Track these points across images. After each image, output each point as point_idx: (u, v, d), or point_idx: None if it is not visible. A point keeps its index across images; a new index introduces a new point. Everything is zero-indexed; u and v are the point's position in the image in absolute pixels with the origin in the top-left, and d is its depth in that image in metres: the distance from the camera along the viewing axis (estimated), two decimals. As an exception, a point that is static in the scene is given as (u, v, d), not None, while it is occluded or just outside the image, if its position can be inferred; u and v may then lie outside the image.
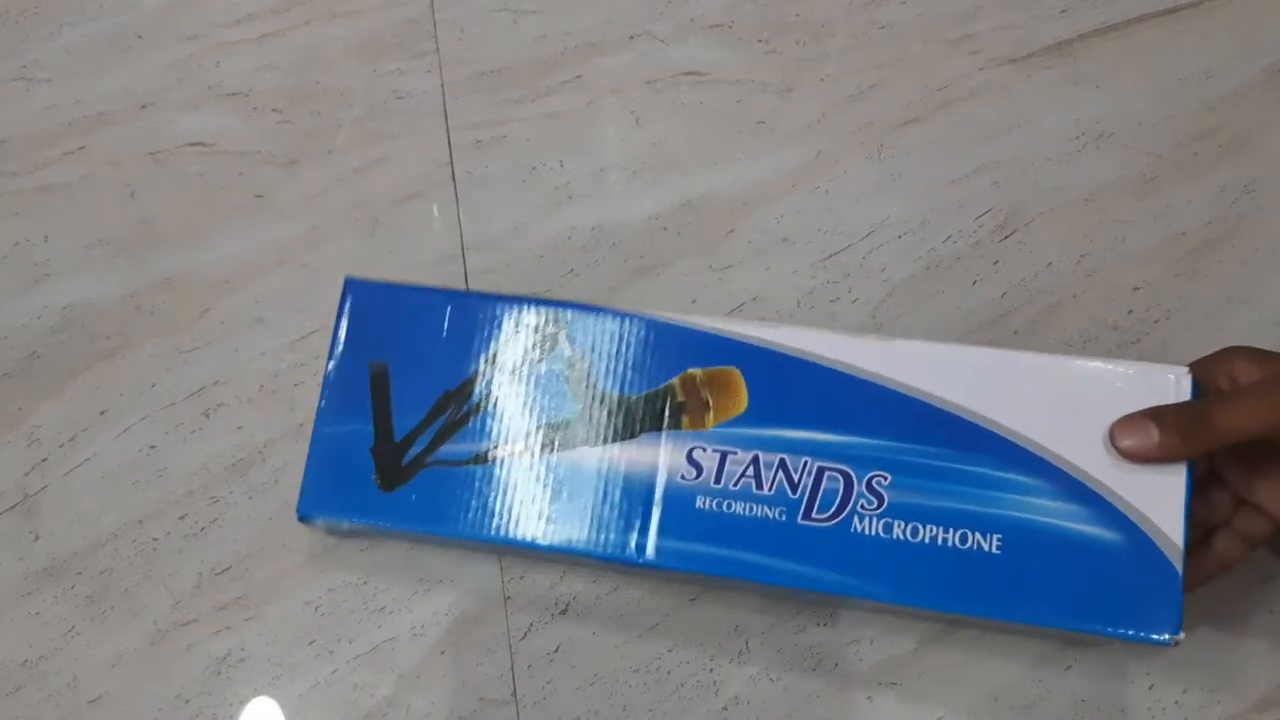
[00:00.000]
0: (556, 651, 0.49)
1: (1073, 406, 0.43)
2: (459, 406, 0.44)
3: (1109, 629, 0.42)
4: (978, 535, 0.42)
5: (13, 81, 0.63)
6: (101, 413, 0.54)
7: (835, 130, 0.62)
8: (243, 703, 0.48)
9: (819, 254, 0.58)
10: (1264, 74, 0.63)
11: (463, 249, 0.58)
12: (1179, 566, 0.41)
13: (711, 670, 0.49)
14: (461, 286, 0.57)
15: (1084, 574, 0.42)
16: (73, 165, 0.60)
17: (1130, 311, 0.56)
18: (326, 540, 0.51)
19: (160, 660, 0.49)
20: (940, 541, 0.42)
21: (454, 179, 0.60)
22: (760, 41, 0.65)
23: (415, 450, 0.44)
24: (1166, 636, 0.41)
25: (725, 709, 0.48)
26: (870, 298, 0.57)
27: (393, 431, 0.44)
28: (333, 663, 0.49)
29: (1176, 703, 0.48)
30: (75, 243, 0.58)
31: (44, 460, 0.53)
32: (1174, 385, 0.43)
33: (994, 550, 0.42)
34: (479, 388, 0.45)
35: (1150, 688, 0.48)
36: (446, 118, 0.62)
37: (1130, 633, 0.41)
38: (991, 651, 0.49)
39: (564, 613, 0.50)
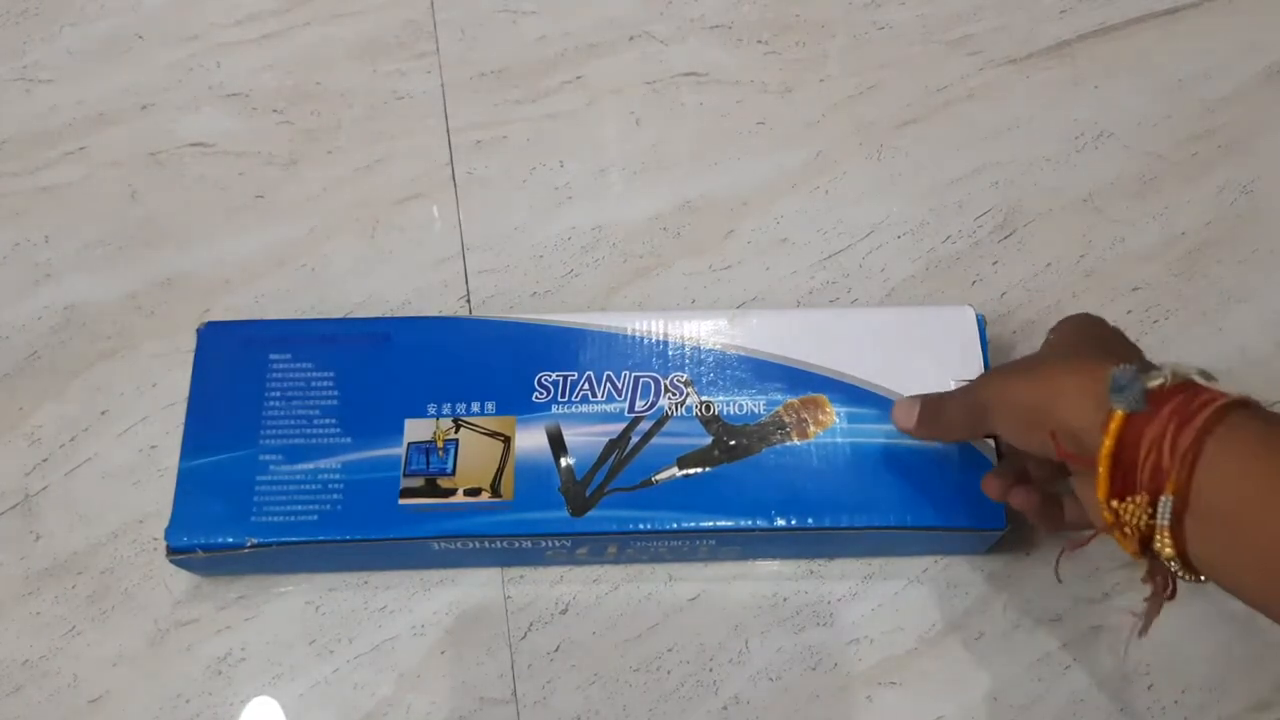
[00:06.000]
0: (556, 651, 0.49)
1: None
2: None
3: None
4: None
5: (14, 82, 0.63)
6: (102, 413, 0.54)
7: (835, 130, 0.62)
8: (243, 702, 0.48)
9: (819, 254, 0.58)
10: (1263, 74, 0.63)
11: (463, 249, 0.58)
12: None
13: (711, 670, 0.49)
14: (462, 288, 0.57)
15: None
16: (73, 165, 0.60)
17: (1129, 311, 0.57)
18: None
19: (161, 660, 0.49)
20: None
21: (454, 179, 0.60)
22: (760, 42, 0.65)
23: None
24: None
25: (725, 708, 0.48)
26: (870, 298, 0.57)
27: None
28: (333, 662, 0.49)
29: (1176, 702, 0.48)
30: (76, 243, 0.58)
31: (45, 460, 0.53)
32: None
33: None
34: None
35: (1149, 687, 0.48)
36: (447, 118, 0.62)
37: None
38: (991, 651, 0.49)
39: (564, 612, 0.50)
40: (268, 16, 0.65)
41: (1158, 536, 0.35)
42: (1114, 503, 0.36)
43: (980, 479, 0.46)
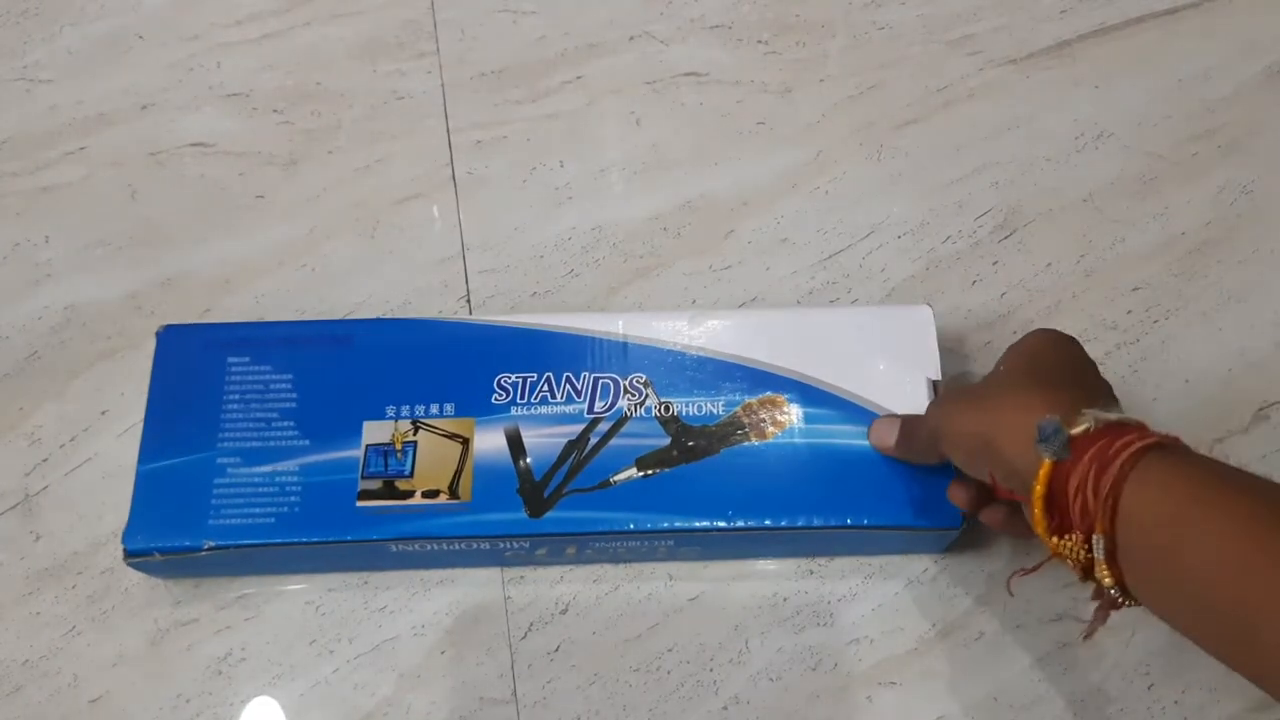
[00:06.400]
0: (557, 651, 0.49)
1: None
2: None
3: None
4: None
5: (14, 82, 0.63)
6: (102, 413, 0.54)
7: (835, 131, 0.62)
8: (243, 702, 0.48)
9: (819, 254, 0.58)
10: (1263, 74, 0.63)
11: (463, 249, 0.58)
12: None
13: (711, 670, 0.49)
14: (462, 288, 0.57)
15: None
16: (74, 165, 0.60)
17: (1129, 311, 0.57)
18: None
19: (161, 660, 0.49)
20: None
21: (454, 179, 0.60)
22: (760, 42, 0.65)
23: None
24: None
25: (725, 709, 0.48)
26: (870, 298, 0.57)
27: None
28: (333, 662, 0.49)
29: (1176, 702, 0.48)
30: (76, 243, 0.58)
31: (45, 460, 0.53)
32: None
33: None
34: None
35: (1150, 687, 0.48)
36: (447, 118, 0.62)
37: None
38: (991, 651, 0.49)
39: (564, 612, 0.50)
40: (268, 16, 0.65)
41: (1097, 569, 0.36)
42: (1054, 539, 0.38)
43: (938, 478, 0.46)
